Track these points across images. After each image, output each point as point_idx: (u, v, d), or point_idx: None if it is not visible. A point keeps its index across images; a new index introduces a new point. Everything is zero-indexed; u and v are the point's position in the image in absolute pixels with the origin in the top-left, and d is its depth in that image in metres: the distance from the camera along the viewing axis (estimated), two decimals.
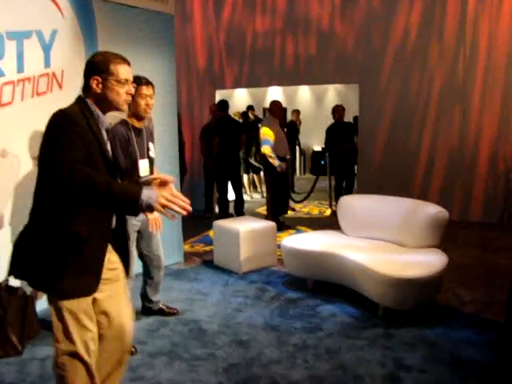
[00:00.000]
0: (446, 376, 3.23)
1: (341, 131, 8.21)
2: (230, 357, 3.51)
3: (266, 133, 6.91)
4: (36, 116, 3.94)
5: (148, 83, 3.65)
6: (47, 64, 4.10)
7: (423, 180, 7.87)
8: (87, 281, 2.28)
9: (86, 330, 2.31)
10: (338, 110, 8.27)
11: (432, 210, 4.45)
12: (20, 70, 3.90)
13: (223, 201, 7.74)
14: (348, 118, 12.05)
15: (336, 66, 8.32)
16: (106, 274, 2.37)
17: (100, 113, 2.32)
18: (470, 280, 5.00)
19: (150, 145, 3.81)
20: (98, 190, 1.91)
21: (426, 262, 4.10)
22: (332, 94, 14.59)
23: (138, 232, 3.84)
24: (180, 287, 4.93)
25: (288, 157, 7.25)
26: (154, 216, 3.54)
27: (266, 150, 6.83)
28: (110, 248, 2.44)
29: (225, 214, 7.52)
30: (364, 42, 8.11)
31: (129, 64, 2.37)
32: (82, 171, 1.93)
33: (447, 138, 7.75)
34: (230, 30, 8.89)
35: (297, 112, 11.72)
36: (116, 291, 2.47)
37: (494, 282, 4.89)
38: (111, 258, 2.45)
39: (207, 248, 6.25)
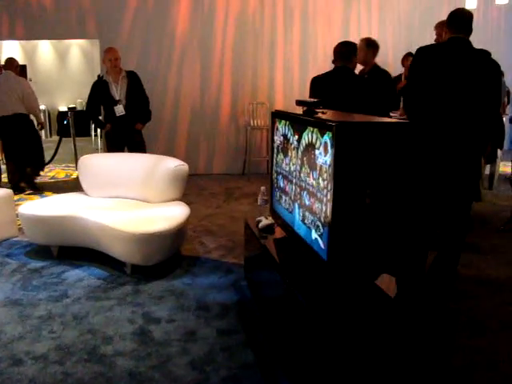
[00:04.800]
0: (193, 321, 3.38)
1: None
2: None
3: None
4: None
5: None
6: None
7: (168, 138, 8.01)
8: None
9: None
10: None
11: (171, 164, 4.56)
12: None
13: None
14: (93, 76, 11.66)
15: (75, 19, 7.84)
16: None
17: None
18: (215, 228, 5.30)
19: None
20: None
21: (169, 216, 4.20)
22: (76, 50, 13.84)
23: None
24: None
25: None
26: None
27: None
28: None
29: None
30: None
31: None
32: None
33: (189, 96, 7.97)
34: None
35: None
36: None
37: (235, 227, 5.25)
38: None
39: None
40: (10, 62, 7.01)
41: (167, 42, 7.86)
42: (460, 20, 3.49)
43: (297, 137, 2.94)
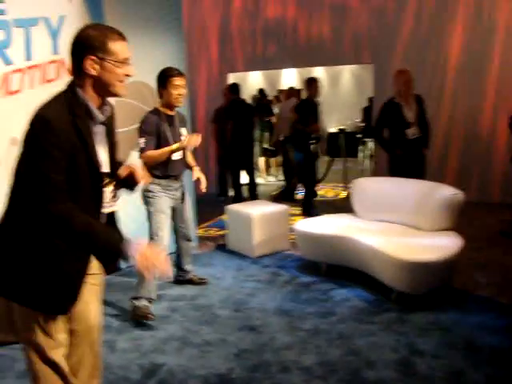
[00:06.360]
0: (460, 361, 3.17)
1: (312, 110, 7.13)
2: (242, 342, 3.50)
3: None
4: None
5: (180, 74, 3.86)
6: (55, 51, 4.07)
7: (439, 161, 7.73)
8: (64, 296, 2.08)
9: (57, 334, 2.11)
10: (314, 85, 7.13)
11: (447, 192, 4.37)
12: (28, 57, 3.88)
13: (237, 184, 7.72)
14: (363, 99, 11.98)
15: (350, 46, 8.19)
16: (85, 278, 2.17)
17: (92, 105, 2.02)
18: (487, 262, 4.91)
19: (183, 130, 4.02)
20: (77, 236, 1.93)
21: (441, 245, 4.04)
22: (348, 75, 14.41)
23: (173, 209, 4.09)
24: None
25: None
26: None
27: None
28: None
29: (239, 198, 7.50)
30: (378, 17, 7.97)
31: (126, 40, 2.03)
32: (62, 216, 1.89)
33: (463, 117, 7.60)
34: (241, 12, 8.80)
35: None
36: (89, 294, 2.25)
37: (510, 264, 4.80)
38: (93, 263, 2.23)
39: (221, 232, 6.23)
40: (293, 90, 8.40)
41: (441, 63, 7.64)
42: None
43: None
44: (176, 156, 3.89)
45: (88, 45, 1.95)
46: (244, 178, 7.82)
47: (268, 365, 3.21)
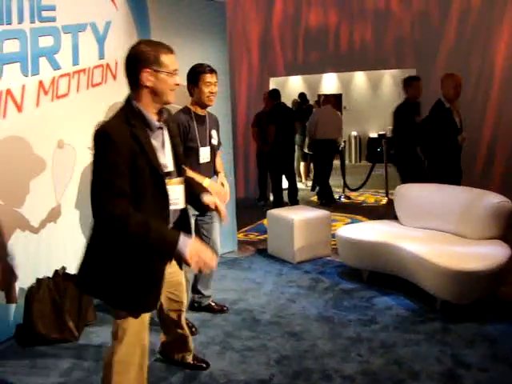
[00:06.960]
0: (509, 376, 3.07)
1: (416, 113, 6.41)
2: (283, 348, 3.47)
3: None
4: (91, 107, 4.02)
5: (212, 71, 3.62)
6: (101, 56, 4.15)
7: (484, 167, 7.54)
8: (150, 295, 2.34)
9: (144, 329, 2.42)
10: (416, 85, 6.42)
11: (494, 200, 4.25)
12: (75, 62, 3.97)
13: (277, 189, 7.70)
14: None
15: (393, 50, 8.07)
16: None
17: (148, 114, 2.23)
18: None
19: (213, 132, 3.76)
20: (133, 237, 2.07)
21: (488, 254, 3.92)
22: (388, 79, 14.23)
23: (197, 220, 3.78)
24: (233, 276, 4.92)
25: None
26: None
27: None
28: None
29: (279, 203, 7.48)
30: (421, 22, 7.83)
31: (174, 53, 2.27)
32: (120, 218, 2.04)
33: (510, 123, 7.38)
34: (283, 17, 8.79)
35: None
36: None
37: None
38: None
39: (261, 237, 6.22)
40: (328, 97, 8.70)
41: (486, 67, 7.44)
42: None
43: None
44: (204, 158, 3.64)
45: (143, 59, 2.17)
46: (284, 182, 7.81)
47: (309, 372, 3.17)
